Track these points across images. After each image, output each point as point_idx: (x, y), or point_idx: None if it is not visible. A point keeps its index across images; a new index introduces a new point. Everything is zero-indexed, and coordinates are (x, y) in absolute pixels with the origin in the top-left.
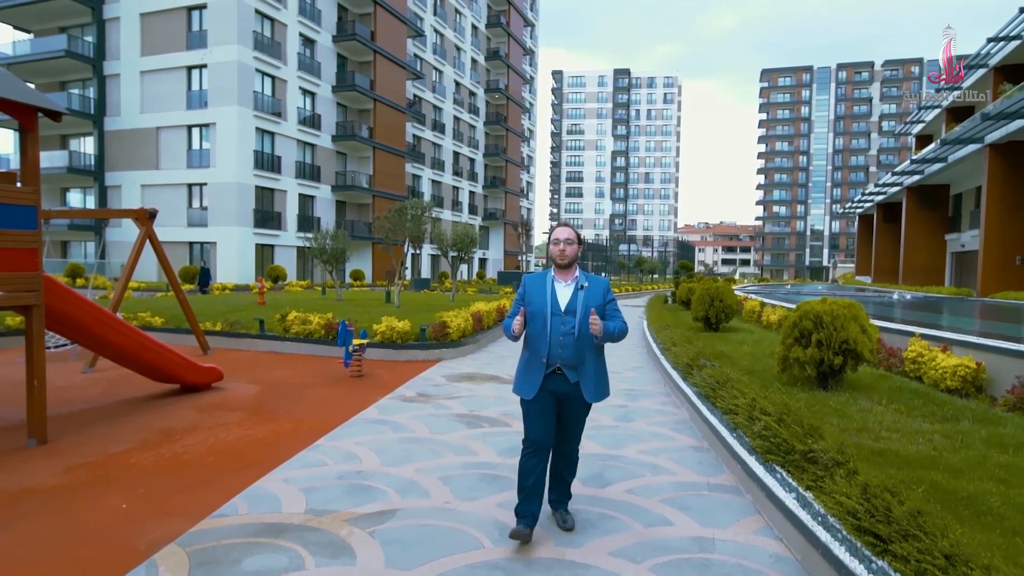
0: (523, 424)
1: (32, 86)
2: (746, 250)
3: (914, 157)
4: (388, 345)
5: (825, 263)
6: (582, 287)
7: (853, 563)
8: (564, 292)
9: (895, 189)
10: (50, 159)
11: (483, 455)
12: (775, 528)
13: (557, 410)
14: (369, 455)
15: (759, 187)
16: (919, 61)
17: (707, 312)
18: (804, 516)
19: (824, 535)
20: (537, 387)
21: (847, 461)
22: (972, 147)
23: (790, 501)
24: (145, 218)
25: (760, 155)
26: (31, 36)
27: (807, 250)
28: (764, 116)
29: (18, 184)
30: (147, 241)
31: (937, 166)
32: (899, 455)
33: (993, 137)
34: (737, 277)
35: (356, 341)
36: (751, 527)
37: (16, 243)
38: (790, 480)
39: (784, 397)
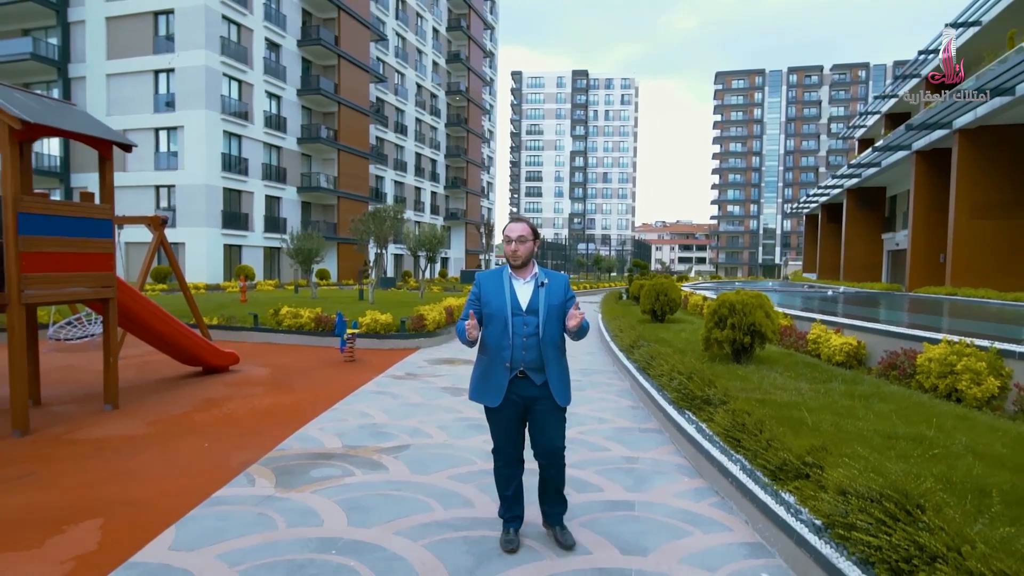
0: (491, 434)
1: None
2: (702, 248)
3: (851, 162)
4: (372, 335)
5: (777, 261)
6: (542, 284)
7: (722, 458)
8: (524, 290)
9: (837, 191)
10: None
11: (467, 413)
12: (681, 450)
13: (524, 415)
14: (379, 413)
15: (714, 187)
16: (866, 66)
17: (654, 305)
18: (698, 437)
19: (707, 445)
20: (503, 393)
21: (728, 401)
22: (901, 153)
23: (691, 430)
24: (158, 224)
25: (715, 155)
26: None
27: (760, 248)
28: (719, 118)
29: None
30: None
31: (872, 170)
32: (776, 402)
33: (919, 144)
34: (692, 275)
35: (349, 331)
36: (666, 451)
37: (98, 249)
38: (694, 417)
39: (697, 364)
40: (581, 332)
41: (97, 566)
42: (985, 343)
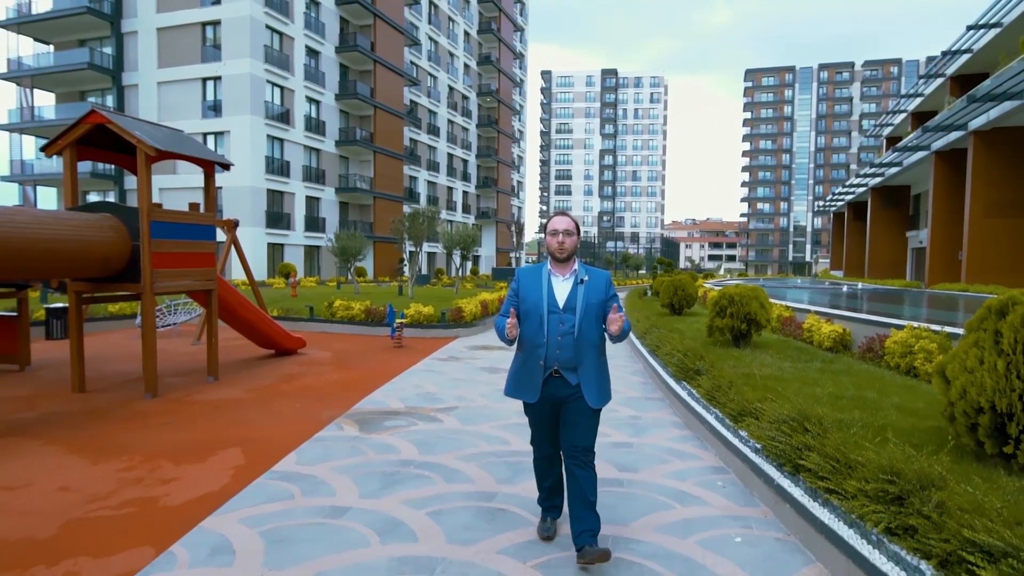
0: (530, 429)
1: (53, 96)
2: (732, 246)
3: (874, 161)
4: (416, 325)
5: (808, 258)
6: (582, 281)
7: (703, 411)
8: (562, 287)
9: (862, 189)
10: None
11: (502, 386)
12: (676, 412)
13: (556, 414)
14: (430, 386)
15: (744, 184)
16: (898, 62)
17: (672, 300)
18: (687, 398)
19: (695, 404)
20: (537, 391)
21: (711, 370)
22: (921, 153)
23: (683, 394)
24: (232, 227)
25: (745, 153)
26: (51, 47)
27: (790, 246)
28: (748, 115)
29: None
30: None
31: (895, 169)
32: (758, 375)
33: (938, 145)
34: (721, 272)
35: (398, 320)
36: (664, 413)
37: (204, 249)
38: (687, 385)
39: (698, 346)
40: (622, 335)
41: (250, 472)
42: (937, 327)
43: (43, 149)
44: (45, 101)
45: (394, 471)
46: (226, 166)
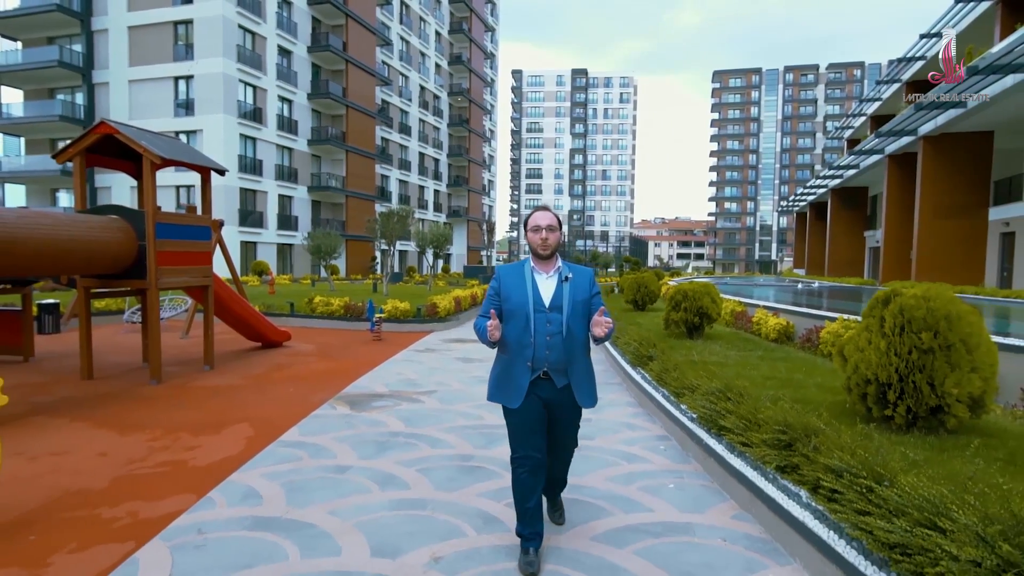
0: (509, 439)
1: (21, 93)
2: (700, 244)
3: (833, 163)
4: (393, 320)
5: (774, 257)
6: (566, 278)
7: (653, 391)
8: (547, 285)
9: (823, 190)
10: (43, 163)
11: (478, 373)
12: (631, 393)
13: (544, 416)
14: (411, 374)
15: (711, 184)
16: (860, 65)
17: (635, 296)
18: (641, 381)
19: (646, 385)
20: (523, 394)
21: (661, 356)
22: (875, 157)
23: (637, 377)
24: (216, 226)
25: (712, 153)
26: (18, 44)
27: (757, 244)
28: (716, 116)
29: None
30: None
31: (853, 171)
32: (704, 362)
33: (891, 149)
34: (689, 271)
35: (376, 315)
36: (620, 395)
37: (201, 248)
38: (641, 370)
39: (654, 338)
40: (606, 338)
41: (261, 441)
42: None
43: (55, 157)
44: (13, 98)
45: (385, 440)
46: (222, 172)
